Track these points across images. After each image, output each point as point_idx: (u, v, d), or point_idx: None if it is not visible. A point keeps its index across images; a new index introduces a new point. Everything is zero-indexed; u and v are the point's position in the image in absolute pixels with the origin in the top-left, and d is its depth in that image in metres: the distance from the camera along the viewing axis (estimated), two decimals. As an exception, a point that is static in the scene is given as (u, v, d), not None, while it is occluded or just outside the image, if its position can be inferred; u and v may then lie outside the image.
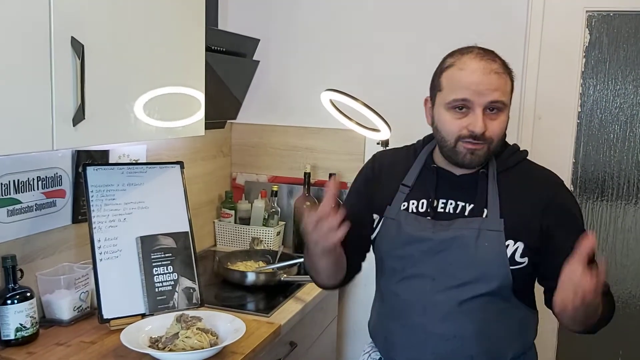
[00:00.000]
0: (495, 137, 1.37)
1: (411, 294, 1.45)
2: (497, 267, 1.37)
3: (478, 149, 1.36)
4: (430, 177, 1.48)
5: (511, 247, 1.37)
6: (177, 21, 1.70)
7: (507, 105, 1.38)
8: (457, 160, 1.40)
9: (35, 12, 1.24)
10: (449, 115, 1.38)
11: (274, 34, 2.63)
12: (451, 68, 1.38)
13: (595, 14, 2.24)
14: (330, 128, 2.56)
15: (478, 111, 1.33)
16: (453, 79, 1.37)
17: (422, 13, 2.41)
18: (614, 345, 2.37)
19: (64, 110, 1.32)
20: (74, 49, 1.32)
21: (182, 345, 1.50)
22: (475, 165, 1.40)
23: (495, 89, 1.33)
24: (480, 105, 1.33)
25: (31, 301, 1.58)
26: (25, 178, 1.66)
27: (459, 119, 1.36)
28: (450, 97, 1.37)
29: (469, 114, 1.35)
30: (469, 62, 1.36)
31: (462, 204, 1.43)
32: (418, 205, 1.47)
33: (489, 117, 1.35)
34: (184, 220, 1.87)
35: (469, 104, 1.34)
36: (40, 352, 1.54)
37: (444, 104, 1.38)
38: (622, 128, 2.27)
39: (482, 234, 1.38)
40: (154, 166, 1.87)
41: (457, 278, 1.40)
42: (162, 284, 1.76)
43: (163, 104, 1.66)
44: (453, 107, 1.36)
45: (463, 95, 1.34)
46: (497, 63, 1.36)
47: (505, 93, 1.36)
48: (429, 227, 1.43)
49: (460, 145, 1.37)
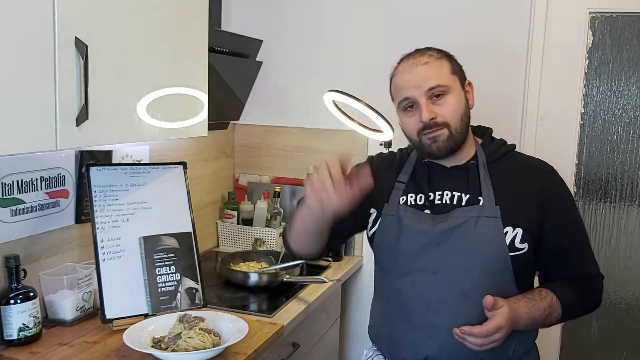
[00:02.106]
0: (450, 119, 1.43)
1: (413, 289, 1.46)
2: (497, 252, 1.40)
3: (437, 135, 1.43)
4: (422, 171, 1.53)
5: (510, 234, 1.40)
6: (180, 22, 1.71)
7: (449, 86, 1.44)
8: (426, 153, 1.49)
9: (39, 12, 1.24)
10: (405, 117, 1.48)
11: (277, 35, 2.63)
12: (393, 78, 1.53)
13: (598, 15, 2.24)
14: (333, 129, 2.56)
15: (422, 102, 1.42)
16: (394, 86, 1.51)
17: (424, 14, 2.41)
18: (618, 346, 2.37)
19: (68, 111, 1.32)
20: (77, 50, 1.32)
21: (185, 346, 1.50)
22: (443, 152, 1.45)
23: (427, 78, 1.42)
24: (421, 96, 1.42)
25: (34, 301, 1.59)
26: (29, 178, 1.66)
27: (412, 116, 1.46)
28: (397, 101, 1.49)
29: (417, 108, 1.44)
30: (401, 66, 1.50)
31: (458, 194, 1.47)
32: (416, 198, 1.51)
33: (435, 103, 1.43)
34: (187, 221, 1.87)
35: (413, 100, 1.44)
36: (43, 352, 1.54)
37: (398, 109, 1.51)
38: (625, 129, 2.27)
39: (480, 220, 1.41)
40: (157, 167, 1.87)
41: (458, 268, 1.41)
42: (165, 284, 1.76)
43: (166, 104, 1.66)
44: (404, 109, 1.47)
45: (404, 95, 1.45)
46: (424, 56, 1.46)
47: (442, 76, 1.44)
48: (429, 219, 1.46)
49: (423, 138, 1.45)
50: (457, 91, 1.45)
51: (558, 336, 2.38)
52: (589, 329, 2.38)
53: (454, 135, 1.44)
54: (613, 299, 2.34)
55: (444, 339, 1.41)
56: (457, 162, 1.50)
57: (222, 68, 2.19)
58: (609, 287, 2.32)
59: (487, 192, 1.44)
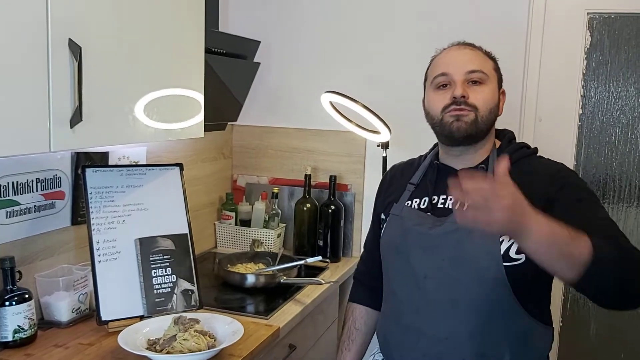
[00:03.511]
0: (481, 106, 1.40)
1: (405, 292, 1.46)
2: (489, 263, 1.33)
3: (463, 115, 1.40)
4: (431, 174, 1.51)
5: (506, 243, 1.34)
6: (175, 23, 1.70)
7: (489, 77, 1.43)
8: (445, 132, 1.44)
9: (32, 13, 1.24)
10: (434, 94, 1.46)
11: (275, 36, 2.63)
12: (434, 58, 1.52)
13: (597, 15, 2.23)
14: (331, 130, 2.55)
15: (458, 80, 1.41)
16: (434, 63, 1.50)
17: (422, 16, 2.41)
18: (616, 348, 2.36)
19: (62, 112, 1.32)
20: (71, 51, 1.31)
21: (180, 348, 1.49)
22: (463, 133, 1.41)
23: (470, 60, 1.42)
24: (460, 75, 1.41)
25: (29, 303, 1.58)
26: (24, 180, 1.66)
27: (442, 94, 1.44)
28: (431, 77, 1.47)
29: (451, 88, 1.43)
30: (444, 51, 1.50)
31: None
32: (420, 202, 1.50)
33: (471, 88, 1.41)
34: (183, 222, 1.86)
35: (450, 79, 1.42)
36: (38, 354, 1.54)
37: (429, 86, 1.49)
38: (623, 130, 2.26)
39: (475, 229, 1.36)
40: (153, 168, 1.87)
41: (449, 275, 1.38)
42: (161, 286, 1.76)
43: (161, 105, 1.66)
44: (437, 87, 1.45)
45: (442, 70, 1.43)
46: (474, 47, 1.47)
47: (484, 65, 1.43)
48: (428, 222, 1.44)
49: (446, 115, 1.43)
50: (493, 86, 1.45)
51: (557, 337, 2.38)
52: (588, 330, 2.38)
53: (479, 122, 1.40)
54: (611, 301, 2.32)
55: (427, 346, 1.40)
56: (468, 163, 1.47)
57: (220, 69, 2.19)
58: (608, 289, 2.31)
59: None
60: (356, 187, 2.58)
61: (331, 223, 2.47)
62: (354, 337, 1.68)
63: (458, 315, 1.37)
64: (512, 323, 1.37)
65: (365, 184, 2.57)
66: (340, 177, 2.57)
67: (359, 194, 2.58)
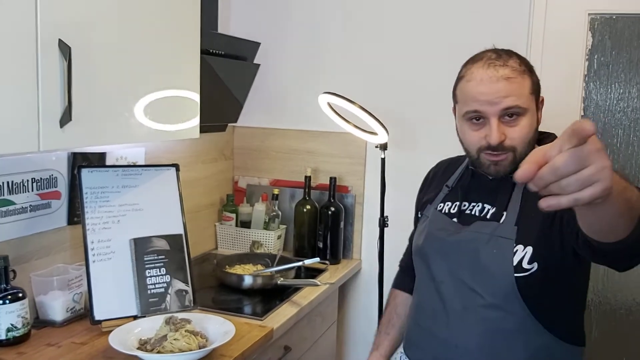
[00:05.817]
0: (518, 144, 1.32)
1: (425, 295, 1.47)
2: (500, 275, 1.31)
3: (501, 160, 1.33)
4: (465, 179, 1.50)
5: (520, 253, 1.31)
6: (170, 23, 1.71)
7: (527, 108, 1.31)
8: (482, 170, 1.39)
9: (22, 13, 1.24)
10: (467, 127, 1.36)
11: (276, 38, 2.63)
12: (462, 80, 1.37)
13: (598, 16, 2.21)
14: (331, 131, 2.55)
15: (493, 121, 1.30)
16: (464, 91, 1.36)
17: (421, 17, 2.39)
18: (618, 352, 2.33)
19: (51, 112, 1.32)
20: (61, 51, 1.32)
21: (170, 347, 1.49)
22: (502, 174, 1.36)
23: (505, 96, 1.28)
24: (494, 115, 1.30)
25: (23, 301, 1.59)
26: (20, 179, 1.67)
27: (477, 130, 1.34)
28: (463, 109, 1.36)
29: (486, 124, 1.32)
30: (476, 72, 1.33)
31: (488, 207, 1.40)
32: (451, 206, 1.48)
33: (508, 124, 1.31)
34: (179, 223, 1.87)
35: (484, 115, 1.31)
36: (30, 352, 1.55)
37: (461, 116, 1.38)
38: (625, 132, 2.23)
39: (492, 240, 1.33)
40: (149, 168, 1.88)
41: (463, 283, 1.37)
42: (155, 286, 1.76)
43: (154, 106, 1.66)
44: (469, 119, 1.35)
45: (474, 107, 1.32)
46: (507, 68, 1.31)
47: (522, 96, 1.30)
48: (450, 228, 1.43)
49: (483, 157, 1.35)
50: (532, 113, 1.33)
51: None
52: (589, 334, 2.34)
53: (517, 160, 1.31)
54: (613, 305, 2.30)
55: (439, 351, 1.40)
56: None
57: (220, 70, 2.19)
58: (609, 293, 2.29)
59: (513, 208, 1.34)
60: (356, 188, 2.57)
61: (331, 225, 2.47)
62: (394, 321, 1.68)
63: (469, 324, 1.35)
64: (525, 338, 1.33)
65: (365, 185, 2.56)
66: (340, 178, 2.56)
67: (360, 195, 2.57)
